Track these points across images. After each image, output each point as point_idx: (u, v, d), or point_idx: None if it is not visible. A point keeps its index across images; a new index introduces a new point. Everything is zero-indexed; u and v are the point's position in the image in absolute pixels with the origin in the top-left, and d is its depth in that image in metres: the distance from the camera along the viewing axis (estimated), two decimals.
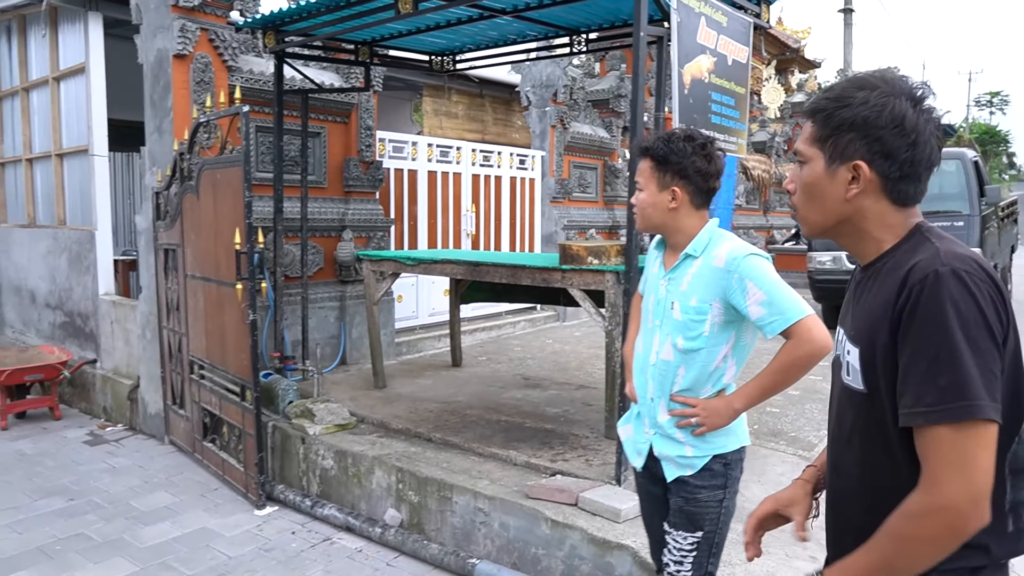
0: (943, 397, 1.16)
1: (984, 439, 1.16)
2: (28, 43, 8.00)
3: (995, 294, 1.20)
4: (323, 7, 4.60)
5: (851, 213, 1.37)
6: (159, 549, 4.13)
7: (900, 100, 1.30)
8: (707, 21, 3.89)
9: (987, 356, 1.17)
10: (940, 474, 1.17)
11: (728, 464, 2.26)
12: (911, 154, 1.31)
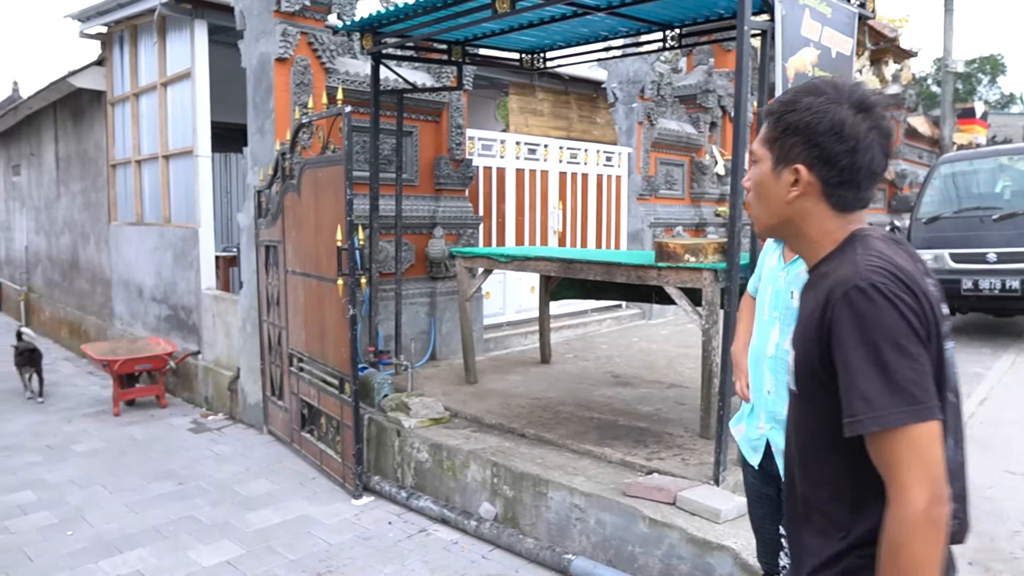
0: (880, 405, 1.21)
1: (931, 435, 1.22)
2: (138, 51, 8.43)
3: (913, 301, 1.25)
4: (420, 8, 4.69)
5: (793, 215, 1.41)
6: (263, 534, 4.30)
7: (843, 107, 1.34)
8: (811, 13, 3.79)
9: (917, 360, 1.23)
10: (902, 480, 1.21)
11: None
12: (850, 160, 1.34)
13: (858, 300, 1.24)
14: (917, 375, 1.23)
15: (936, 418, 1.23)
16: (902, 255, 1.33)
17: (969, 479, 1.45)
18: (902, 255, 1.33)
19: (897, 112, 18.04)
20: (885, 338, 1.22)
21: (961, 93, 38.52)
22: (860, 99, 1.36)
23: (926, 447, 1.21)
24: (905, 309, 1.24)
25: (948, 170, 8.98)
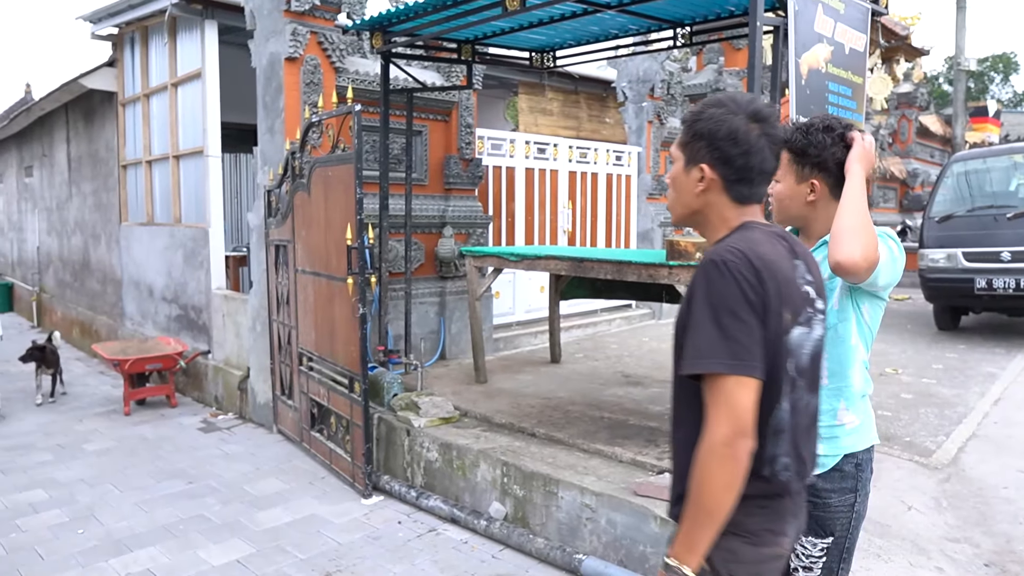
0: (706, 353, 1.49)
1: (743, 387, 1.48)
2: (149, 52, 8.46)
3: (755, 280, 1.51)
4: (430, 7, 4.68)
5: (700, 206, 1.67)
6: (273, 533, 4.30)
7: (739, 117, 1.61)
8: (824, 8, 3.76)
9: (748, 326, 1.49)
10: (713, 415, 1.49)
11: (859, 465, 2.13)
12: (744, 161, 1.61)
13: (711, 270, 1.53)
14: (743, 338, 1.49)
15: (751, 375, 1.49)
16: (771, 246, 1.60)
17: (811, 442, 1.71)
18: (771, 246, 1.60)
19: (909, 111, 17.92)
20: (724, 304, 1.50)
21: (973, 91, 38.26)
22: (755, 111, 1.62)
23: (736, 395, 1.48)
24: (745, 285, 1.50)
25: (961, 168, 8.91)
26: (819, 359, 1.70)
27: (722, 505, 1.48)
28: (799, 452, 1.64)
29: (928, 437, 4.88)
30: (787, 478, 1.61)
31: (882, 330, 8.98)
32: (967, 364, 7.09)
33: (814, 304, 1.66)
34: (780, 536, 1.64)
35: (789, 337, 1.58)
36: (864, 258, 1.89)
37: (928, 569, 3.08)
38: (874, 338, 2.21)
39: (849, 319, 2.12)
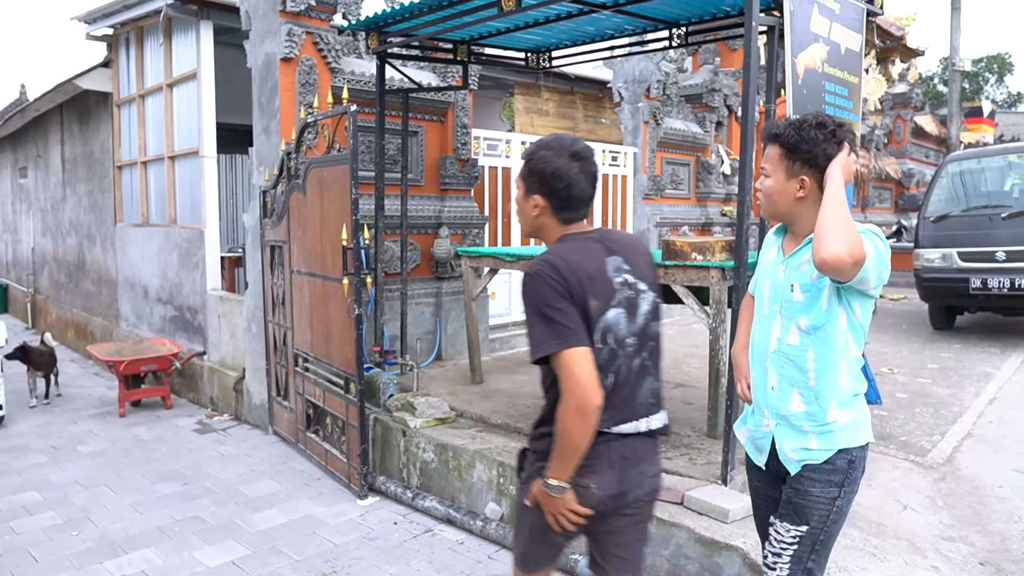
0: (541, 340, 1.96)
1: (576, 355, 1.94)
2: (144, 53, 8.45)
3: (560, 279, 1.97)
4: (425, 7, 4.67)
5: (538, 226, 2.17)
6: (269, 534, 4.29)
7: (562, 158, 2.07)
8: (820, 8, 3.76)
9: (564, 312, 1.95)
10: (564, 385, 1.96)
11: (852, 461, 2.16)
12: (567, 193, 2.08)
13: (527, 281, 2.00)
14: (564, 320, 1.95)
15: (580, 345, 1.95)
16: (582, 251, 2.05)
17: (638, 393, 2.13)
18: (582, 251, 2.05)
19: (904, 111, 17.96)
20: (542, 301, 1.97)
21: (968, 92, 38.38)
22: (574, 152, 2.08)
23: (574, 364, 1.94)
24: (552, 283, 1.96)
25: (956, 168, 8.92)
26: (648, 329, 2.15)
27: (581, 445, 2.00)
28: (624, 401, 2.10)
29: (924, 436, 4.89)
30: (609, 424, 2.06)
31: (878, 330, 9.04)
32: (962, 363, 7.11)
33: (632, 286, 2.09)
34: (593, 474, 2.06)
35: (604, 317, 2.02)
36: (849, 254, 1.91)
37: (923, 568, 3.08)
38: (866, 335, 2.21)
39: (836, 319, 2.12)
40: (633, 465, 2.11)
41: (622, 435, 2.09)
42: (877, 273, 2.03)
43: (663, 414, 2.21)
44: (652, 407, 2.16)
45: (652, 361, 2.17)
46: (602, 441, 2.05)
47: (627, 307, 2.06)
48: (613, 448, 2.08)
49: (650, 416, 2.15)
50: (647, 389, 2.15)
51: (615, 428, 2.08)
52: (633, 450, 2.12)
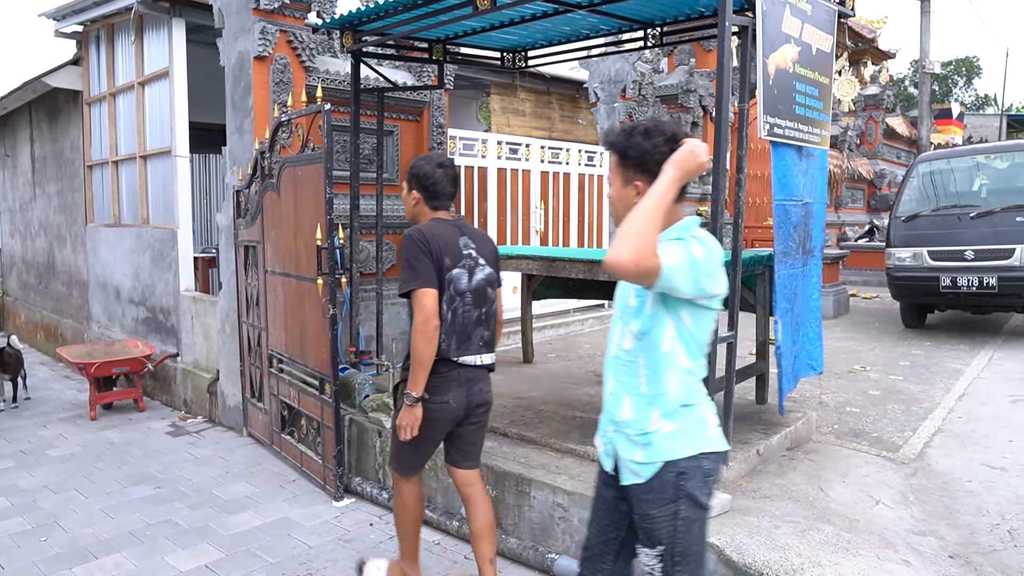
0: (406, 281, 3.01)
1: (428, 292, 2.99)
2: (115, 51, 8.33)
3: (424, 240, 3.04)
4: (400, 6, 4.65)
5: (417, 212, 3.26)
6: (243, 537, 4.24)
7: (431, 165, 3.21)
8: (792, 9, 3.80)
9: (423, 263, 3.00)
10: (415, 311, 2.97)
11: (683, 473, 2.11)
12: (434, 190, 3.21)
13: (405, 240, 3.06)
14: (423, 269, 3.00)
15: (429, 287, 2.99)
16: (442, 228, 3.13)
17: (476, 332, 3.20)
18: (442, 228, 3.13)
19: (876, 112, 18.20)
20: (411, 255, 3.02)
21: (938, 94, 38.99)
22: (440, 163, 3.22)
23: (424, 298, 2.98)
24: (420, 244, 3.02)
25: (926, 169, 9.07)
26: (483, 289, 3.20)
27: (427, 358, 2.99)
28: (455, 336, 3.11)
29: (896, 433, 4.96)
30: (444, 350, 3.07)
31: (851, 328, 9.16)
32: (933, 361, 7.22)
33: (474, 259, 3.17)
34: (445, 392, 3.11)
35: (452, 273, 3.08)
36: (633, 262, 1.89)
37: (895, 562, 3.12)
38: (703, 347, 2.18)
39: (661, 325, 2.11)
40: (474, 384, 3.18)
41: (465, 364, 3.14)
42: (689, 281, 2.00)
43: (492, 355, 3.27)
44: (484, 348, 3.21)
45: (486, 317, 3.22)
46: (452, 368, 3.11)
47: (468, 270, 3.13)
48: (461, 373, 3.13)
49: (482, 354, 3.21)
50: (480, 335, 3.20)
51: (460, 359, 3.13)
52: (473, 375, 3.18)
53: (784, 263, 3.90)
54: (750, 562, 3.03)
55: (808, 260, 4.28)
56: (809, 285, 4.39)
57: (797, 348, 4.23)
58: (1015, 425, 5.15)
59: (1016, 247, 7.74)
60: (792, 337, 4.10)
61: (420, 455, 3.29)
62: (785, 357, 4.02)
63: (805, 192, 4.10)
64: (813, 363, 4.61)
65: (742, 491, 3.77)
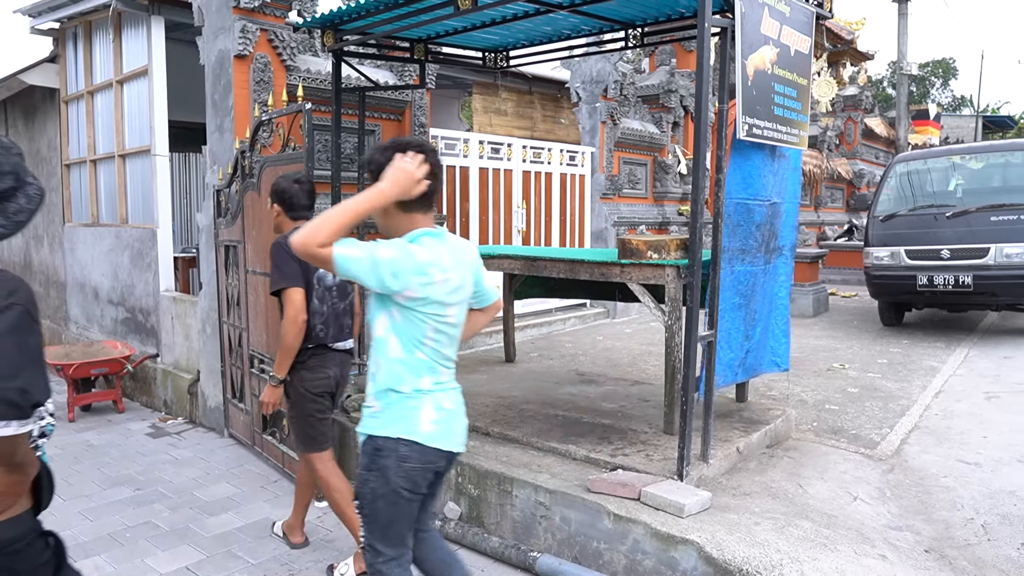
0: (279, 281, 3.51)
1: (296, 292, 3.49)
2: (93, 48, 8.25)
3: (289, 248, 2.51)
4: (381, 5, 4.64)
5: (279, 223, 3.76)
6: (224, 538, 4.22)
7: (288, 182, 3.76)
8: (770, 11, 3.83)
9: (291, 266, 3.45)
10: (286, 307, 3.51)
11: (379, 450, 2.37)
12: (290, 203, 3.75)
13: (273, 247, 3.55)
14: (289, 271, 3.46)
15: (296, 286, 3.47)
16: None
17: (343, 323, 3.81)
18: None
19: (855, 113, 18.39)
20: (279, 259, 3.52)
21: (915, 95, 39.46)
22: (296, 179, 3.77)
23: (293, 296, 3.48)
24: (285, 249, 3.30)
25: (903, 169, 9.18)
26: (345, 285, 3.77)
27: (293, 348, 3.54)
28: (331, 326, 3.71)
29: (873, 429, 5.02)
30: (323, 337, 3.69)
31: (830, 327, 9.25)
32: (910, 358, 7.31)
33: None
34: (325, 369, 3.72)
35: (318, 273, 3.59)
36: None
37: (872, 557, 3.16)
38: (420, 343, 2.36)
39: (377, 317, 2.36)
40: (344, 365, 3.83)
41: (336, 349, 3.77)
42: (371, 277, 2.22)
43: (351, 340, 3.91)
44: (348, 335, 3.85)
45: (348, 308, 3.84)
46: (328, 351, 3.73)
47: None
48: (336, 356, 3.77)
49: (348, 340, 3.85)
50: (346, 323, 3.82)
51: (333, 344, 3.75)
52: (343, 358, 3.83)
53: (741, 260, 3.92)
54: (730, 558, 3.06)
55: (772, 258, 4.30)
56: (774, 283, 4.41)
57: (752, 344, 4.25)
58: (989, 421, 5.23)
59: (991, 246, 7.85)
60: (744, 332, 4.12)
61: (321, 426, 3.76)
62: (733, 350, 4.03)
63: (774, 192, 4.13)
64: (777, 359, 4.63)
65: (722, 488, 3.81)
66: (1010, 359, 7.30)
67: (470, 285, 2.49)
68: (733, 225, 3.81)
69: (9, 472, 1.53)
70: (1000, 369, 6.87)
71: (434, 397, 2.40)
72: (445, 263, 2.33)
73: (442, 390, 2.44)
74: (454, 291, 2.37)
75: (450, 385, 2.49)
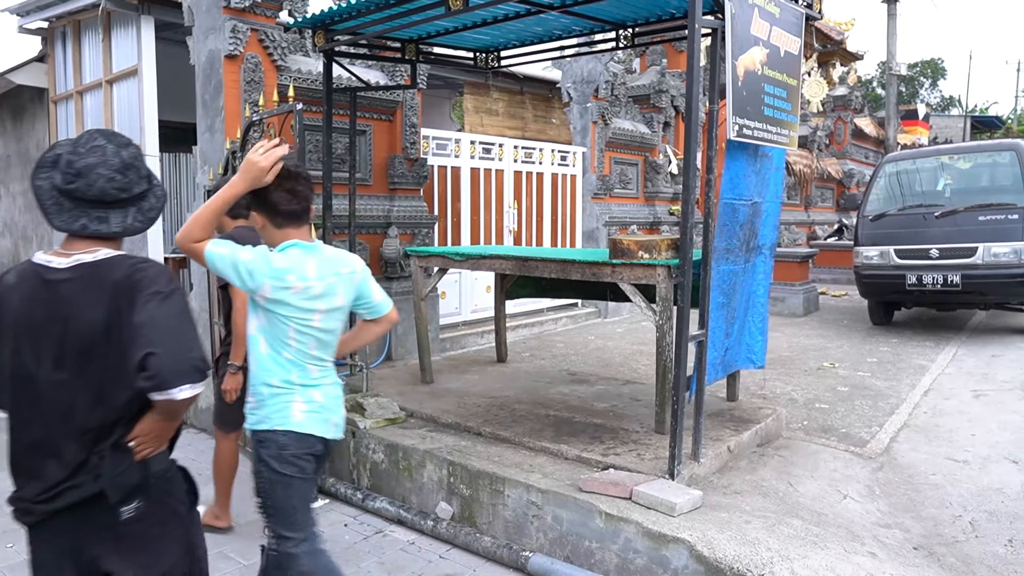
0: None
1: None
2: (82, 48, 8.21)
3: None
4: (372, 5, 4.64)
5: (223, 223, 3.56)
6: (214, 540, 4.20)
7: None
8: (760, 12, 3.85)
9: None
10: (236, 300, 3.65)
11: (261, 442, 2.58)
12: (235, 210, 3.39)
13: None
14: None
15: None
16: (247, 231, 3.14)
17: None
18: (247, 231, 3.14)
19: (844, 113, 18.48)
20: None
21: (904, 95, 39.68)
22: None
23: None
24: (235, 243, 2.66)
25: (893, 169, 9.24)
26: None
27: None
28: None
29: (863, 428, 5.06)
30: None
31: (820, 326, 9.30)
32: (899, 357, 7.36)
33: None
34: None
35: None
36: (178, 239, 2.49)
37: (862, 554, 3.19)
38: (285, 344, 2.56)
39: (251, 317, 2.59)
40: None
41: None
42: (233, 274, 2.46)
43: None
44: None
45: None
46: None
47: None
48: None
49: None
50: None
51: None
52: None
53: (725, 259, 3.95)
54: (721, 556, 3.08)
55: (752, 257, 4.33)
56: (753, 281, 4.44)
57: (730, 341, 4.27)
58: (977, 419, 5.27)
59: (979, 246, 7.91)
60: (725, 330, 4.14)
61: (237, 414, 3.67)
62: (716, 348, 4.05)
63: (755, 192, 4.16)
64: (753, 356, 4.65)
65: (713, 487, 3.82)
66: (998, 357, 7.36)
67: (343, 295, 2.63)
68: (720, 225, 3.84)
69: (174, 420, 1.99)
70: (988, 367, 6.92)
71: (304, 391, 2.59)
72: (307, 272, 2.52)
73: (313, 386, 2.61)
74: (316, 298, 2.54)
75: (323, 381, 2.65)
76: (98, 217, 1.94)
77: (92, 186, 1.91)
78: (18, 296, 1.92)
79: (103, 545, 1.96)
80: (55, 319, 1.88)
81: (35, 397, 1.91)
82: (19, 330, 1.90)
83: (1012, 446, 4.71)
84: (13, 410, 1.96)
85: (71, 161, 1.91)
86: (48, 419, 1.91)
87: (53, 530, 1.96)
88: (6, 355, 1.92)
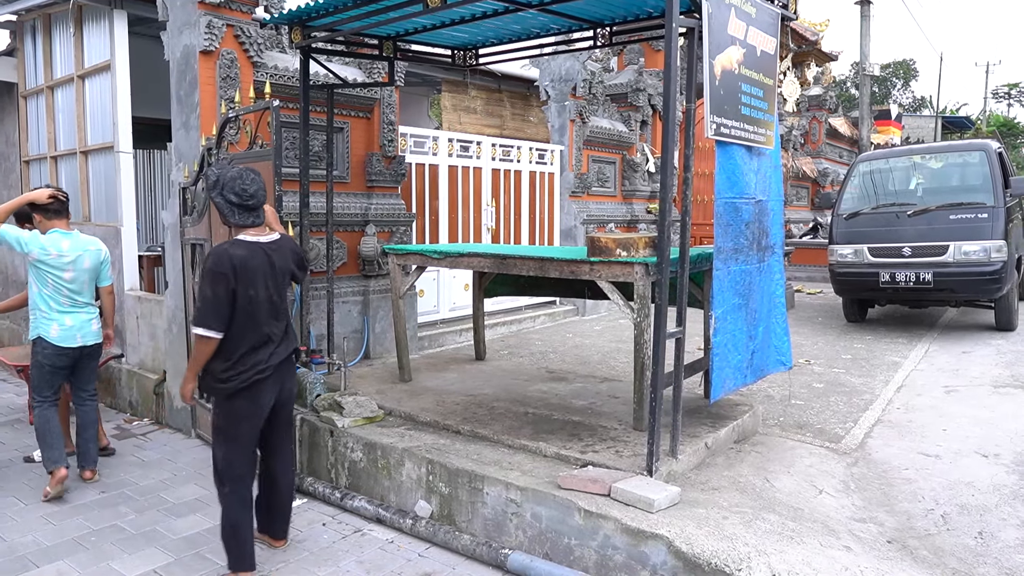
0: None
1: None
2: (53, 42, 8.07)
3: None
4: (350, 2, 4.61)
5: None
6: (192, 540, 4.17)
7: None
8: (736, 12, 3.88)
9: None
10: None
11: (34, 343, 4.79)
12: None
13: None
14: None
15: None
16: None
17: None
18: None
19: (819, 113, 18.68)
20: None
21: (877, 96, 40.19)
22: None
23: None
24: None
25: (866, 168, 9.36)
26: None
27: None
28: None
29: (838, 424, 5.12)
30: None
31: (795, 323, 9.40)
32: (873, 354, 7.46)
33: None
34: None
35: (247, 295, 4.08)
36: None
37: (837, 548, 3.23)
38: (45, 287, 4.75)
39: (30, 274, 4.81)
40: None
41: None
42: (16, 244, 4.60)
43: None
44: None
45: None
46: None
47: None
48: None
49: None
50: None
51: None
52: None
53: (736, 259, 3.99)
54: (699, 552, 3.10)
55: (766, 256, 4.36)
56: (770, 281, 4.47)
57: (756, 344, 4.31)
58: (948, 415, 5.36)
59: (950, 244, 8.04)
60: (748, 332, 4.19)
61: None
62: (740, 352, 4.10)
63: (758, 190, 4.19)
64: (782, 358, 4.69)
65: (691, 483, 3.85)
66: (968, 354, 7.48)
67: (88, 265, 4.86)
68: (724, 225, 3.87)
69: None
70: (959, 364, 7.04)
71: (58, 317, 4.75)
72: (62, 247, 4.73)
73: (66, 314, 4.78)
74: (68, 265, 4.74)
75: (75, 312, 4.82)
76: (255, 215, 3.61)
77: (254, 198, 3.58)
78: (254, 259, 3.49)
79: (289, 377, 3.77)
80: (272, 267, 3.57)
81: (257, 308, 3.49)
82: (255, 275, 3.48)
83: (982, 441, 4.79)
84: (239, 324, 3.46)
85: (245, 188, 3.53)
86: (267, 318, 3.54)
87: (274, 377, 3.60)
88: (242, 292, 3.41)
